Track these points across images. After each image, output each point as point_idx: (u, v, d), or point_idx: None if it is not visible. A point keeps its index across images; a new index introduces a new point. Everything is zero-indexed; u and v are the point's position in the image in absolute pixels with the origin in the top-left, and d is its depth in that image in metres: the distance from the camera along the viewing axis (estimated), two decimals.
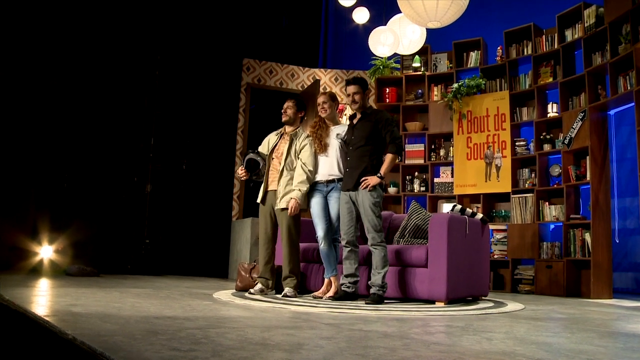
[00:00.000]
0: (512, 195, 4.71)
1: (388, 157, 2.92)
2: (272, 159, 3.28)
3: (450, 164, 5.23)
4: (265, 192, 3.26)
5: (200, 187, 5.77)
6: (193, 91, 5.82)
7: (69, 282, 3.38)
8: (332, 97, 3.25)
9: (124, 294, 2.66)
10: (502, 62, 5.04)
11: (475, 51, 5.28)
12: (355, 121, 3.10)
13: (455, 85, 5.17)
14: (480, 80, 5.08)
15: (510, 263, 4.51)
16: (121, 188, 5.29)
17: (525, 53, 4.88)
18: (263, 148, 3.39)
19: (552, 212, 4.43)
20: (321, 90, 6.07)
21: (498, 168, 4.87)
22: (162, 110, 5.58)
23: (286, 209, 3.08)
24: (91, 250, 4.93)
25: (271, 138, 3.40)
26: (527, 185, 4.70)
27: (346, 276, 2.97)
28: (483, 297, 3.37)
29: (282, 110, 3.30)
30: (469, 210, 3.35)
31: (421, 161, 5.34)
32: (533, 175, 4.71)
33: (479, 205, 4.93)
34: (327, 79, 6.42)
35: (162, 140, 5.56)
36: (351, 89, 3.06)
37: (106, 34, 5.31)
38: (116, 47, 5.36)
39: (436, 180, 5.24)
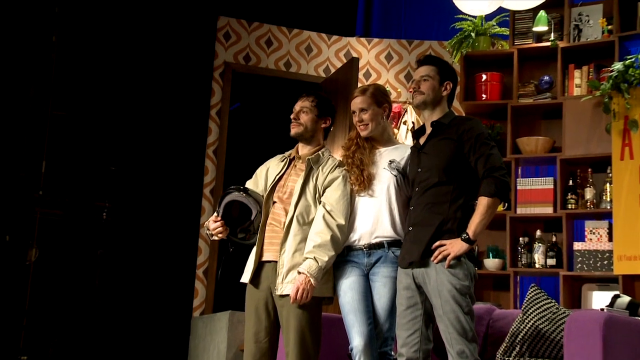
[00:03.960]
0: None
1: (482, 204, 3.08)
2: (273, 203, 3.49)
3: (607, 215, 5.24)
4: (259, 264, 3.44)
5: (134, 252, 5.99)
6: (122, 77, 6.14)
7: None
8: (377, 98, 3.48)
9: None
10: None
11: None
12: (422, 139, 3.33)
13: (618, 65, 5.15)
14: None
15: None
16: None
17: None
18: (256, 183, 3.59)
19: None
20: (361, 79, 6.34)
21: None
22: (65, 109, 5.86)
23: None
24: None
25: (271, 166, 3.62)
26: None
27: None
28: None
29: (292, 116, 3.55)
30: None
31: (548, 210, 5.38)
32: None
33: None
34: (372, 57, 6.73)
35: (63, 165, 5.83)
36: (422, 70, 3.30)
37: None
38: None
39: (577, 245, 5.25)
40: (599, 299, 5.03)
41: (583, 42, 5.54)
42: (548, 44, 5.61)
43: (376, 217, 3.33)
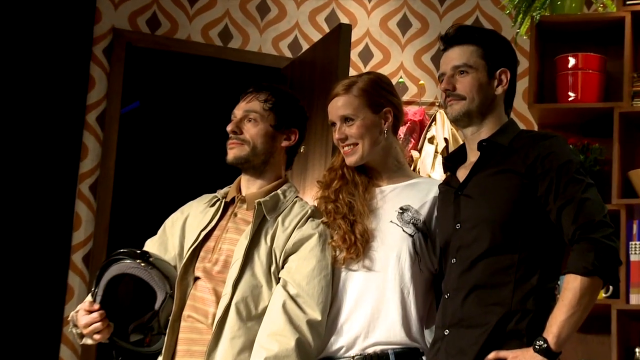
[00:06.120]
0: None
1: (571, 287, 3.04)
2: (195, 280, 3.49)
3: None
4: None
5: None
6: None
7: None
8: (371, 96, 3.51)
9: None
10: None
11: None
12: (463, 172, 3.36)
13: None
14: None
15: None
16: None
17: None
18: (164, 245, 3.62)
19: None
20: (356, 62, 6.32)
21: None
22: None
23: None
24: None
25: (193, 215, 3.64)
26: None
27: None
28: None
29: (230, 127, 3.55)
30: None
31: None
32: None
33: None
34: (375, 24, 6.76)
35: None
36: (456, 56, 3.37)
37: None
38: None
39: None
40: None
41: None
42: None
43: (376, 307, 3.34)
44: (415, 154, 5.87)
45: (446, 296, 3.22)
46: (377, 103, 3.48)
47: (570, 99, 5.66)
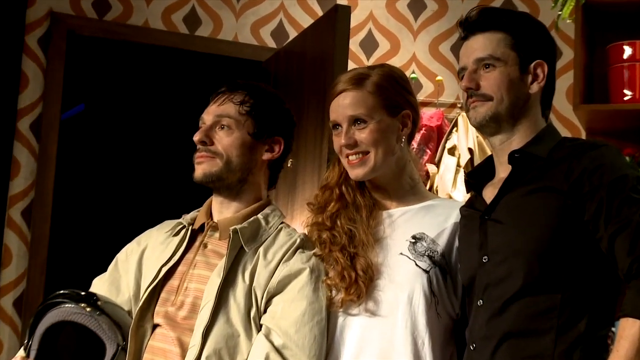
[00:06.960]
0: None
1: (627, 334, 3.00)
2: (155, 328, 3.47)
3: None
4: None
5: None
6: None
7: None
8: (389, 95, 3.51)
9: None
10: None
11: None
12: (490, 191, 3.34)
13: None
14: None
15: None
16: None
17: None
18: (117, 284, 3.60)
19: None
20: (356, 52, 6.34)
21: None
22: None
23: None
24: None
25: (152, 246, 3.64)
26: None
27: None
28: None
29: (197, 137, 3.53)
30: None
31: None
32: None
33: None
34: (381, 6, 6.74)
35: None
36: (480, 46, 3.35)
37: None
38: None
39: None
40: None
41: None
42: None
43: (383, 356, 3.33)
44: (432, 168, 5.85)
45: (471, 347, 3.21)
46: (395, 103, 3.48)
47: (625, 98, 5.68)
